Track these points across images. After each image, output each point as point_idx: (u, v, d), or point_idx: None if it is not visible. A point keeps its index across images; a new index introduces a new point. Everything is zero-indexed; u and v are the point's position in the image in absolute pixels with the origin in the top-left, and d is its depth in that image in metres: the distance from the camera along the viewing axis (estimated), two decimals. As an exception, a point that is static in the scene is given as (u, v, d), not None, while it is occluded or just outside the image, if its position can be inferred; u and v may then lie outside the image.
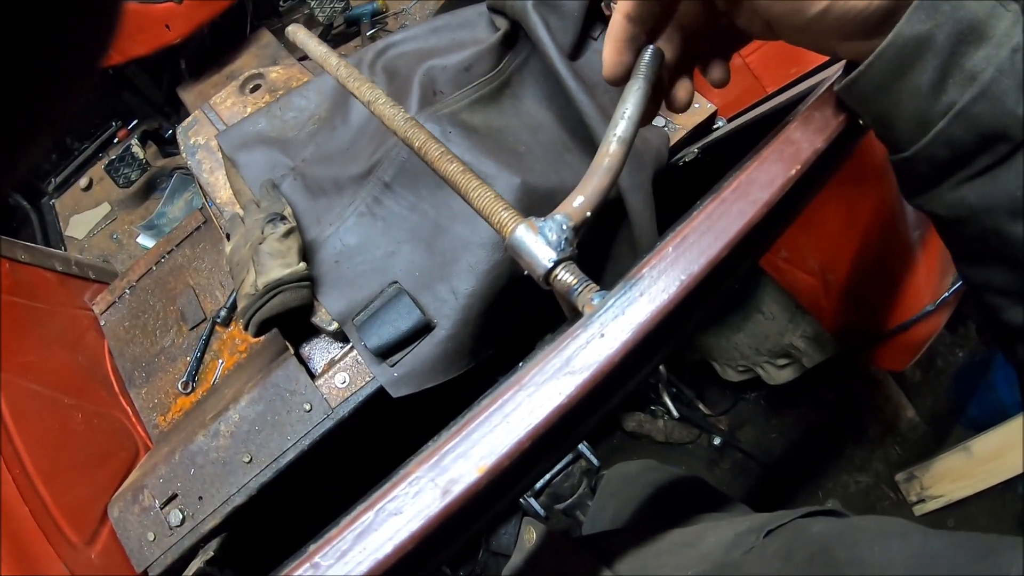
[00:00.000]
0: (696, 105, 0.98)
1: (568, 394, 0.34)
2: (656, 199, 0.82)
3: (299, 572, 0.32)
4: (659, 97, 0.48)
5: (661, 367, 1.58)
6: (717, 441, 1.69)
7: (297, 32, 0.78)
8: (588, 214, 0.41)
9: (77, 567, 0.79)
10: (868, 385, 1.74)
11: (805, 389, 1.56)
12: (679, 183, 0.87)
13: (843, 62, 0.44)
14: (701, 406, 1.75)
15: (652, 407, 1.72)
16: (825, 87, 0.47)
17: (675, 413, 1.63)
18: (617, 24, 0.43)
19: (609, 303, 0.37)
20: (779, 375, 1.42)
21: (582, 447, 1.04)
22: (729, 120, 0.99)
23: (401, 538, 0.32)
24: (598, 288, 0.39)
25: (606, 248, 0.87)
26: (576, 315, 0.40)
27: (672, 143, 0.91)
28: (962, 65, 0.35)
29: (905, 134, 0.38)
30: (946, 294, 1.02)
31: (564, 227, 0.40)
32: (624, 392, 0.43)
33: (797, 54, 0.89)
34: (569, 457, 1.03)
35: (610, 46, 0.44)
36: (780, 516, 0.52)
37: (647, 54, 0.44)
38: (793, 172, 0.41)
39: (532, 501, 1.04)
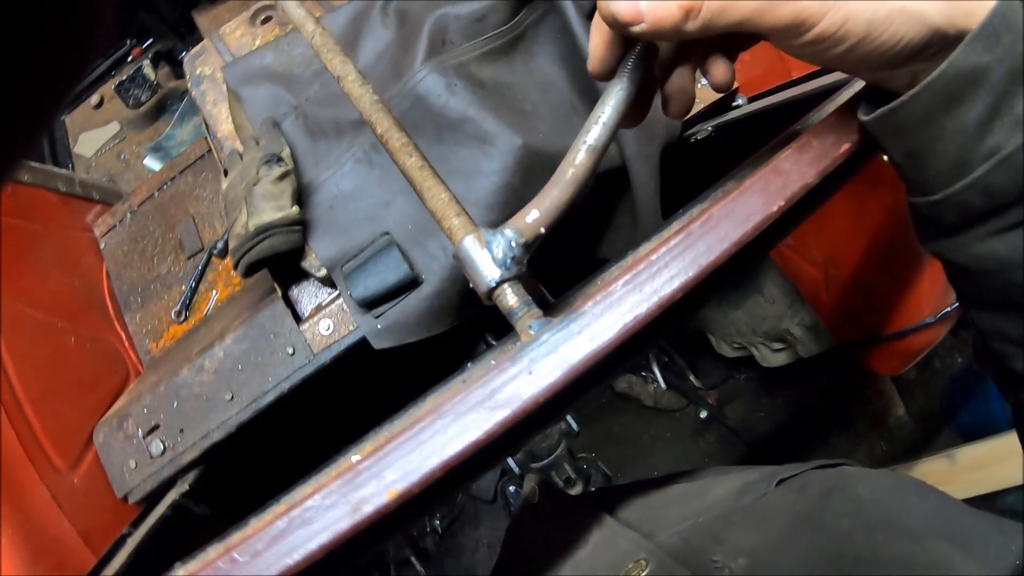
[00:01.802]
0: (717, 79, 0.94)
1: (486, 430, 0.33)
2: (662, 173, 0.80)
3: (218, 563, 0.33)
4: (648, 96, 0.43)
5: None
6: (704, 414, 1.70)
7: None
8: (542, 230, 0.38)
9: (59, 491, 0.81)
10: (862, 377, 1.74)
11: (798, 373, 1.55)
12: (689, 159, 0.84)
13: (857, 82, 0.41)
14: (692, 377, 1.75)
15: (644, 372, 1.72)
16: (830, 110, 0.42)
17: (662, 384, 1.63)
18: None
19: (543, 338, 0.35)
20: (773, 358, 1.42)
21: (563, 412, 1.05)
22: (751, 99, 0.95)
23: (309, 548, 0.32)
24: (540, 315, 0.37)
25: (607, 217, 0.85)
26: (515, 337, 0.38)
27: (687, 116, 0.88)
28: (1012, 107, 0.32)
29: (939, 175, 0.35)
30: (948, 309, 1.01)
31: (513, 244, 0.38)
32: (557, 418, 0.41)
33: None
34: (548, 421, 1.04)
35: (596, 39, 0.39)
36: (792, 467, 0.51)
37: (635, 52, 0.39)
38: (775, 209, 0.38)
39: (508, 459, 1.05)
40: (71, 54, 0.16)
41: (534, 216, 0.38)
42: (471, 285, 0.39)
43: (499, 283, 0.37)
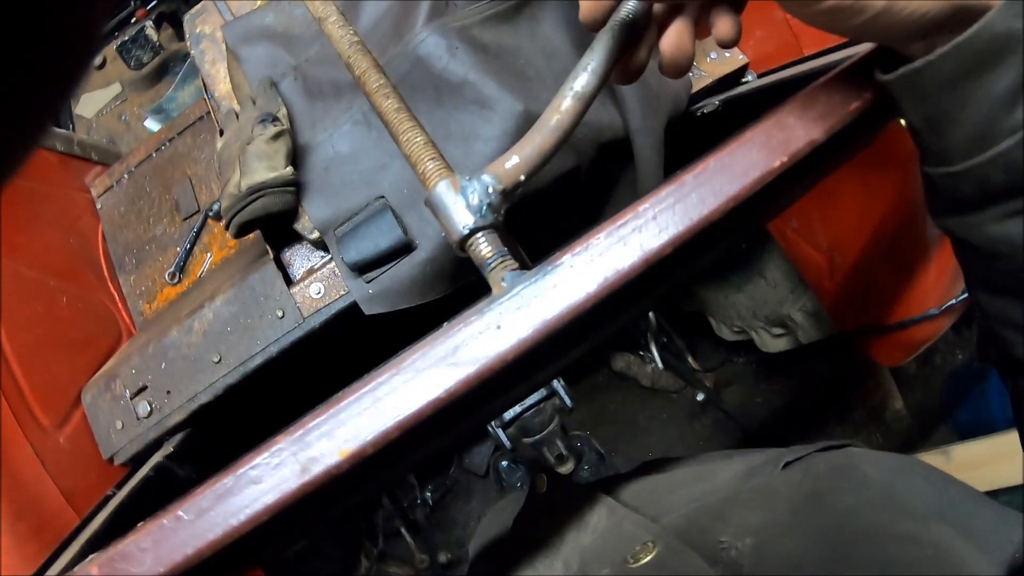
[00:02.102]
0: (727, 54, 0.92)
1: (447, 388, 0.31)
2: (667, 146, 0.78)
3: (164, 520, 0.32)
4: (640, 50, 0.41)
5: (651, 314, 1.56)
6: (701, 397, 1.69)
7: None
8: (522, 177, 0.36)
9: (44, 450, 0.81)
10: (861, 368, 1.72)
11: (797, 360, 1.53)
12: (694, 134, 0.82)
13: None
14: (690, 359, 1.73)
15: (642, 352, 1.71)
16: (843, 65, 0.39)
17: (659, 364, 1.62)
18: None
19: (514, 290, 0.32)
20: (773, 343, 1.40)
21: (556, 385, 1.03)
22: (760, 76, 0.93)
23: (255, 508, 0.31)
24: (515, 266, 0.35)
25: (609, 189, 0.83)
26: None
27: (694, 90, 0.85)
28: None
29: (959, 145, 0.33)
30: (953, 301, 0.98)
31: (490, 190, 0.36)
32: (532, 381, 0.40)
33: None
34: (542, 393, 1.02)
35: None
36: (798, 449, 0.50)
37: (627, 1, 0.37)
38: (776, 165, 0.35)
39: (500, 432, 1.04)
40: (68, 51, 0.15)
41: (514, 162, 0.36)
42: (443, 234, 0.37)
43: (472, 231, 0.35)
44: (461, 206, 0.36)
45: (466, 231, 0.36)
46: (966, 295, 0.99)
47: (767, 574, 0.37)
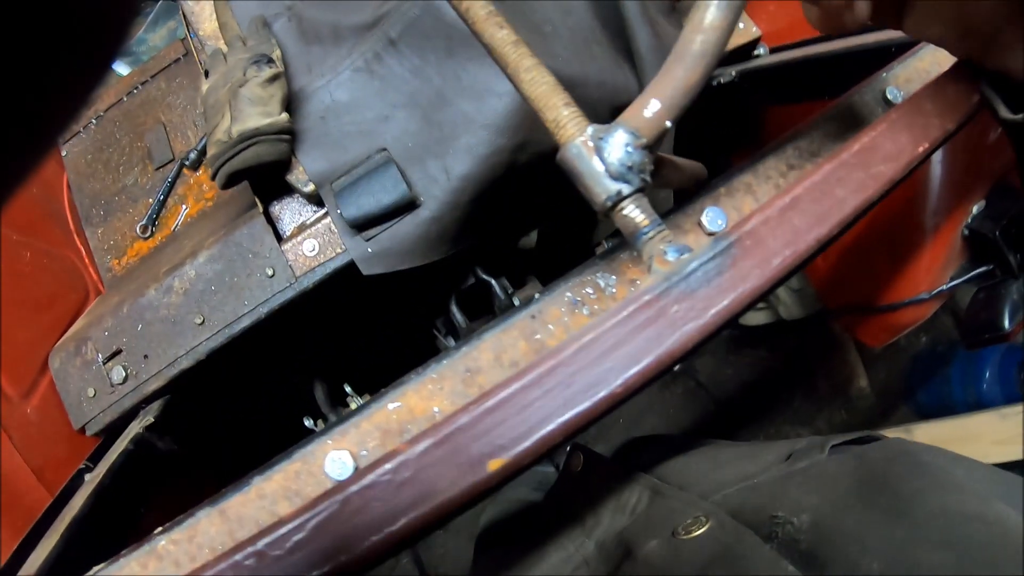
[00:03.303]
0: (741, 26, 0.90)
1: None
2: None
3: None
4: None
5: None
6: (676, 367, 1.71)
7: None
8: (667, 124, 0.31)
9: (11, 422, 0.74)
10: (829, 345, 1.77)
11: (769, 334, 1.56)
12: (710, 103, 0.80)
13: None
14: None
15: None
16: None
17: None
18: None
19: (689, 268, 0.29)
20: (753, 317, 1.41)
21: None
22: (772, 50, 0.91)
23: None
24: (671, 236, 0.31)
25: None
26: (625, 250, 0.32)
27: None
28: None
29: None
30: (943, 287, 1.00)
31: (631, 148, 0.31)
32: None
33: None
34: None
35: None
36: (839, 436, 0.50)
37: None
38: (920, 150, 0.34)
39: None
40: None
41: (654, 108, 0.30)
42: (586, 198, 0.32)
43: (621, 197, 0.31)
44: (600, 170, 0.31)
45: (613, 198, 0.31)
46: (955, 282, 1.01)
47: (829, 550, 0.36)
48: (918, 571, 0.33)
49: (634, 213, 0.31)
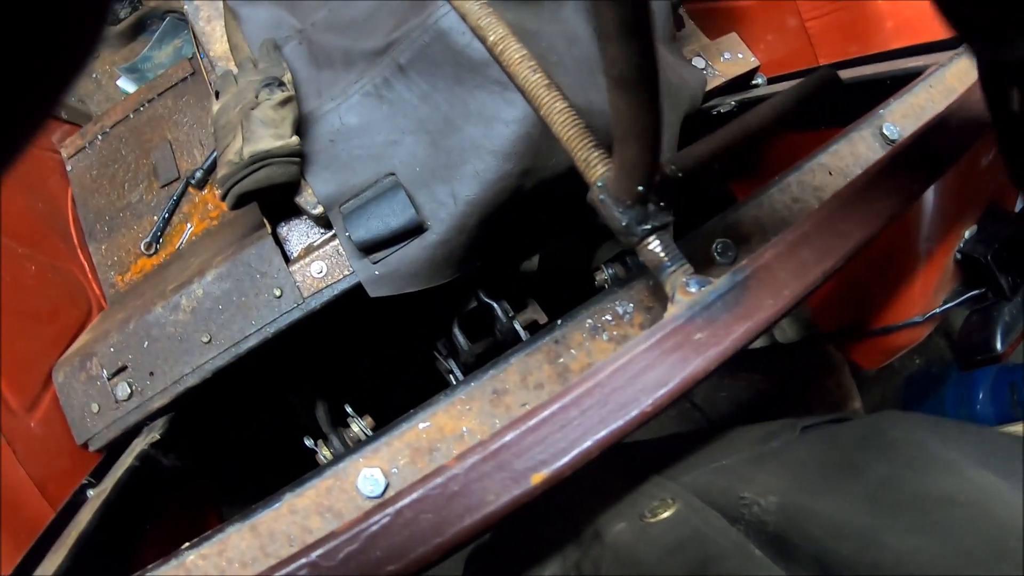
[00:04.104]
0: (740, 56, 0.92)
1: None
2: (681, 142, 0.77)
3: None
4: None
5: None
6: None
7: None
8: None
9: (14, 435, 0.74)
10: (824, 367, 1.77)
11: (763, 357, 1.56)
12: (708, 132, 0.82)
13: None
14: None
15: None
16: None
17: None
18: None
19: (708, 299, 0.31)
20: (749, 340, 1.42)
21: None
22: (770, 80, 0.93)
23: None
24: (693, 270, 0.34)
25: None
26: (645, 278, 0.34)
27: (708, 88, 0.85)
28: None
29: None
30: (936, 310, 1.03)
31: (623, 208, 0.34)
32: None
33: (863, 34, 0.83)
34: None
35: None
36: (809, 419, 0.50)
37: None
38: (918, 188, 0.37)
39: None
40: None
41: (627, 171, 0.33)
42: (614, 232, 0.34)
43: (643, 236, 0.33)
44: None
45: (640, 234, 0.33)
46: (947, 306, 1.03)
47: (797, 533, 0.37)
48: (888, 556, 0.33)
49: (658, 249, 0.34)
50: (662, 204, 0.34)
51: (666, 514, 0.44)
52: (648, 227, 0.33)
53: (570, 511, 0.54)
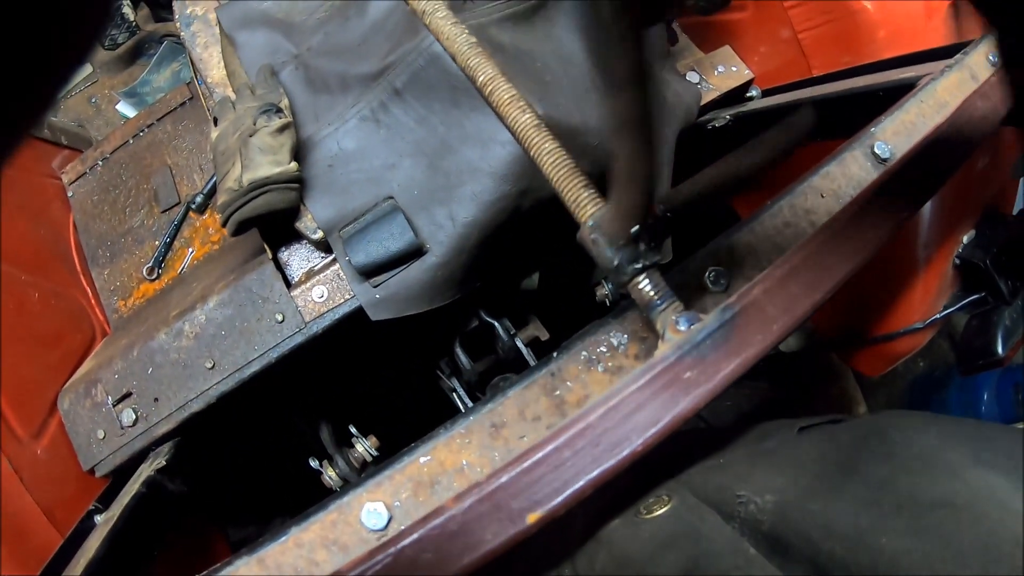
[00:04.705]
0: (734, 68, 0.93)
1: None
2: (677, 156, 0.77)
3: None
4: None
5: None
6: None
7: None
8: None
9: (21, 462, 0.75)
10: (827, 374, 1.77)
11: (767, 366, 1.56)
12: (704, 146, 0.82)
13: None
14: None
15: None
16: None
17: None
18: None
19: (698, 338, 0.32)
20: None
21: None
22: (764, 92, 0.94)
23: None
24: (682, 307, 0.34)
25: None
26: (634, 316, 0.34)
27: (703, 102, 0.86)
28: None
29: None
30: (936, 316, 1.03)
31: (615, 248, 0.34)
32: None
33: (855, 44, 0.83)
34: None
35: None
36: (806, 420, 0.50)
37: None
38: (906, 215, 0.37)
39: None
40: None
41: (618, 216, 0.34)
42: (603, 272, 0.35)
43: (637, 271, 0.33)
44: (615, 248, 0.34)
45: (629, 274, 0.34)
46: (947, 311, 1.03)
47: (791, 532, 0.37)
48: (881, 557, 0.33)
49: (648, 288, 0.34)
50: (652, 244, 0.34)
51: (661, 511, 0.45)
52: (639, 266, 0.34)
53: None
